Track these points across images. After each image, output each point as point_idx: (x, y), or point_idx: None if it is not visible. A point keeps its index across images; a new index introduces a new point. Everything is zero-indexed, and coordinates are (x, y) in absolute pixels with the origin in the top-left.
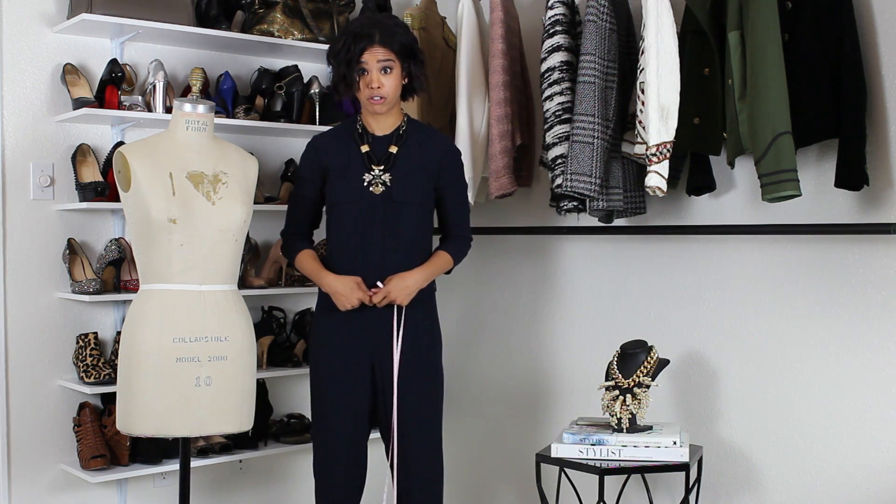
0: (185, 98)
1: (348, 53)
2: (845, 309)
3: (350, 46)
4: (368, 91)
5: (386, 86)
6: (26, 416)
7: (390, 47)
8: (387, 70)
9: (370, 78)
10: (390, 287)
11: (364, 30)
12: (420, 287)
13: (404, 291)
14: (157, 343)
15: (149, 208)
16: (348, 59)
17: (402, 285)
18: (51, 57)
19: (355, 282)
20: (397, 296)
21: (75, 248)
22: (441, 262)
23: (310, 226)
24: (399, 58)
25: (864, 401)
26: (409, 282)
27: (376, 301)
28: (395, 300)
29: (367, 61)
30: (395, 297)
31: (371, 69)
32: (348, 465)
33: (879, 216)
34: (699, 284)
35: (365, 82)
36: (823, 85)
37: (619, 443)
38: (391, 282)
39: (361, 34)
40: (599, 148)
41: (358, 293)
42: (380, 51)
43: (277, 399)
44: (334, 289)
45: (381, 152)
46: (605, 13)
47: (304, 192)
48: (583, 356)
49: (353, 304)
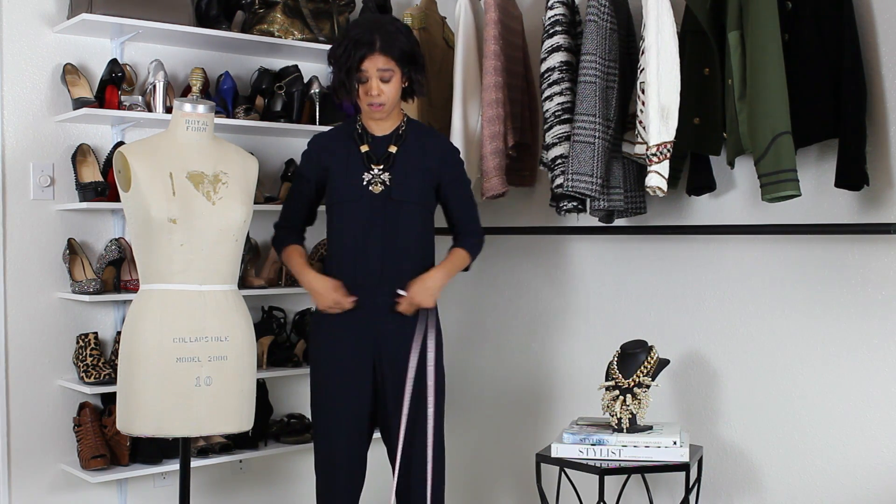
0: (185, 98)
1: (348, 61)
2: (845, 309)
3: (350, 53)
4: (368, 98)
5: (385, 93)
6: (26, 416)
7: (391, 55)
8: (386, 78)
9: (369, 86)
10: (412, 293)
11: (365, 36)
12: (442, 286)
13: (427, 293)
14: (157, 343)
15: (149, 208)
16: (348, 67)
17: (423, 288)
18: (51, 57)
19: (334, 284)
20: (421, 299)
21: (75, 248)
22: (458, 260)
23: (303, 222)
24: (399, 65)
25: (864, 401)
26: (429, 283)
27: (402, 310)
28: (420, 304)
29: (366, 69)
30: (419, 301)
31: (371, 77)
32: (349, 465)
33: (879, 216)
34: (699, 284)
35: (364, 90)
36: (823, 85)
37: (619, 443)
38: (412, 287)
39: (362, 41)
40: (600, 148)
41: (334, 295)
42: (380, 59)
43: (277, 399)
44: (312, 287)
45: (381, 152)
46: (605, 13)
47: (301, 189)
48: (583, 356)
49: (328, 304)
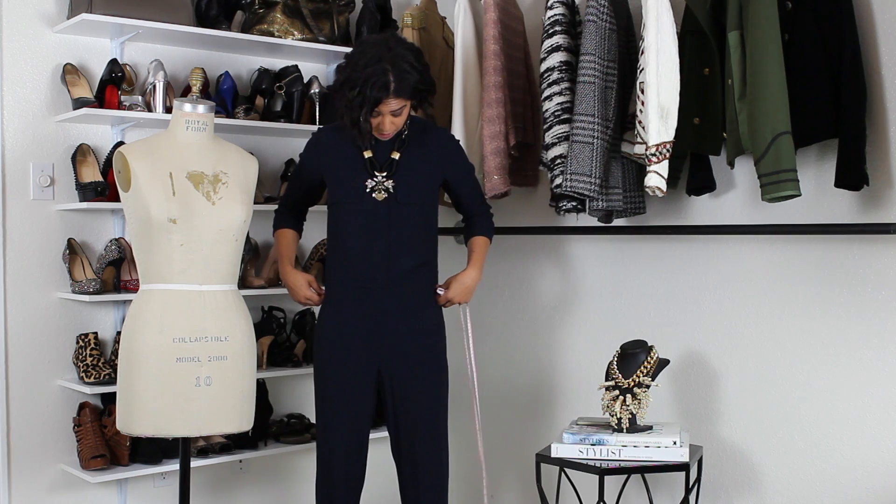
0: (185, 98)
1: (362, 105)
2: (845, 309)
3: (364, 96)
4: (377, 131)
5: (396, 125)
6: (26, 416)
7: (404, 96)
8: (398, 113)
9: (381, 123)
10: (452, 293)
11: (379, 78)
12: (478, 281)
13: (466, 292)
14: (157, 343)
15: (149, 208)
16: (362, 112)
17: (462, 288)
18: (51, 57)
19: (306, 279)
20: (461, 298)
21: (75, 248)
22: (483, 247)
23: (304, 203)
24: (410, 98)
25: (864, 401)
26: (468, 282)
27: (442, 303)
28: (458, 302)
29: (380, 110)
30: (459, 300)
31: (384, 115)
32: (350, 464)
33: (879, 216)
34: (699, 284)
35: (375, 123)
36: (823, 85)
37: (619, 443)
38: (452, 287)
39: (376, 83)
40: (599, 148)
41: (306, 292)
42: (394, 102)
43: (277, 399)
44: (286, 281)
45: (384, 158)
46: (605, 13)
47: (303, 175)
48: (583, 356)
49: (299, 299)
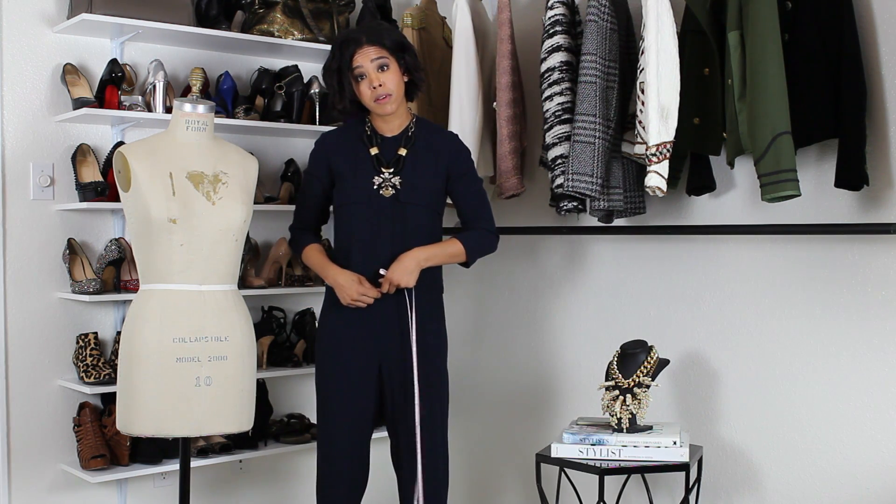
0: (185, 98)
1: (339, 61)
2: (845, 309)
3: (340, 54)
4: (372, 92)
5: (388, 82)
6: (26, 416)
7: (380, 44)
8: (384, 67)
9: (370, 78)
10: (390, 272)
11: (350, 35)
12: (420, 266)
13: (404, 272)
14: (157, 343)
15: (149, 208)
16: (339, 67)
17: (399, 266)
18: (51, 57)
19: (357, 278)
20: (399, 278)
21: (75, 248)
22: (449, 247)
23: (317, 221)
24: (392, 53)
25: (864, 401)
26: (406, 262)
27: (384, 290)
28: (399, 283)
29: (361, 64)
30: (398, 281)
31: (368, 70)
32: (351, 464)
33: (879, 216)
34: (699, 284)
35: (366, 85)
36: (823, 85)
37: (619, 443)
38: (391, 266)
39: (348, 39)
40: (600, 148)
41: (358, 287)
42: (370, 50)
43: (277, 399)
44: (336, 281)
45: (391, 155)
46: (605, 13)
47: (312, 189)
48: (583, 356)
49: (352, 297)
